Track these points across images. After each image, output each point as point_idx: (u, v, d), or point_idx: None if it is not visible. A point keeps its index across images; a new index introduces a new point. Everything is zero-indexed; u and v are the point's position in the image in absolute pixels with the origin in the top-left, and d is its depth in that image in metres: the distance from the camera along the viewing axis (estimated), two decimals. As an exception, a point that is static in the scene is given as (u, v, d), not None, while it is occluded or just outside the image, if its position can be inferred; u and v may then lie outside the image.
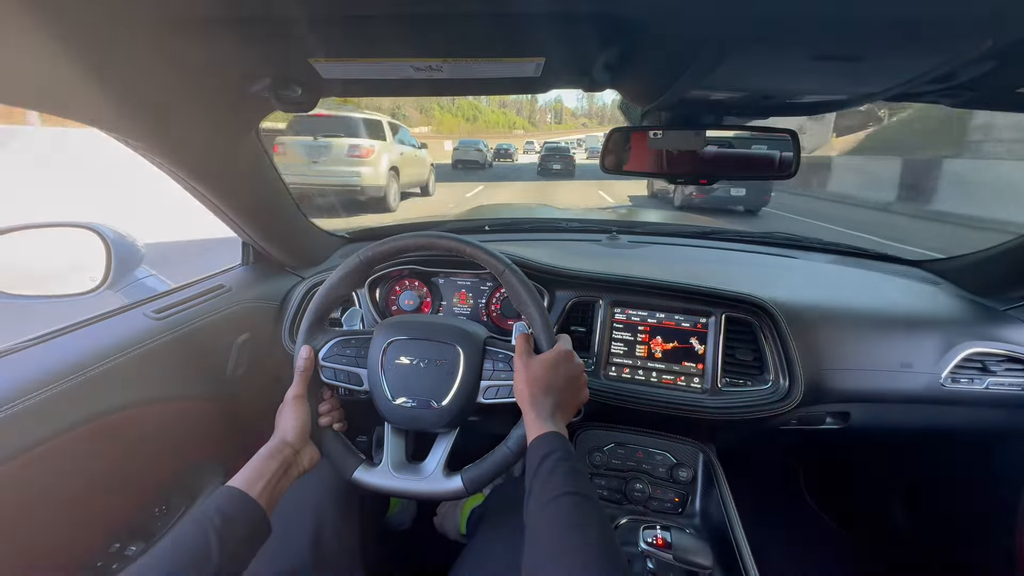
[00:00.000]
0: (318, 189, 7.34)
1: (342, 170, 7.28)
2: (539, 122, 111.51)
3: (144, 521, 0.84)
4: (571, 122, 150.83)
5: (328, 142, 7.26)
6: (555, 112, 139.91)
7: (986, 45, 0.45)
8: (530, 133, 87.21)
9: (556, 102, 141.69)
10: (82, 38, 0.51)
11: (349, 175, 7.31)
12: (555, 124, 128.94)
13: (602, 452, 1.05)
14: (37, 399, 0.65)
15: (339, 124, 7.56)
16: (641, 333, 1.06)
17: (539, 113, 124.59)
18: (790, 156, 0.83)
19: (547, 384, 0.66)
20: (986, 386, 1.00)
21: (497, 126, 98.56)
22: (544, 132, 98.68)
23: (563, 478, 0.55)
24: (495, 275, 0.75)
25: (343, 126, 7.56)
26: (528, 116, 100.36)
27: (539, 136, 70.93)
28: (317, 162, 7.24)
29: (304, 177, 7.17)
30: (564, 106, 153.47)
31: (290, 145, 7.30)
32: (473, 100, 78.09)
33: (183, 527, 0.53)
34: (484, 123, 79.71)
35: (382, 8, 0.49)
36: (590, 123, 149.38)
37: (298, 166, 7.19)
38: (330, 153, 7.26)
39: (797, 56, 0.49)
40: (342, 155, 7.29)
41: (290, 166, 7.19)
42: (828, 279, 1.23)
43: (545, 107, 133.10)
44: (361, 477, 0.72)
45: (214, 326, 0.99)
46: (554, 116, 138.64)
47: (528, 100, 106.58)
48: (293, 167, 7.19)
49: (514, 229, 1.51)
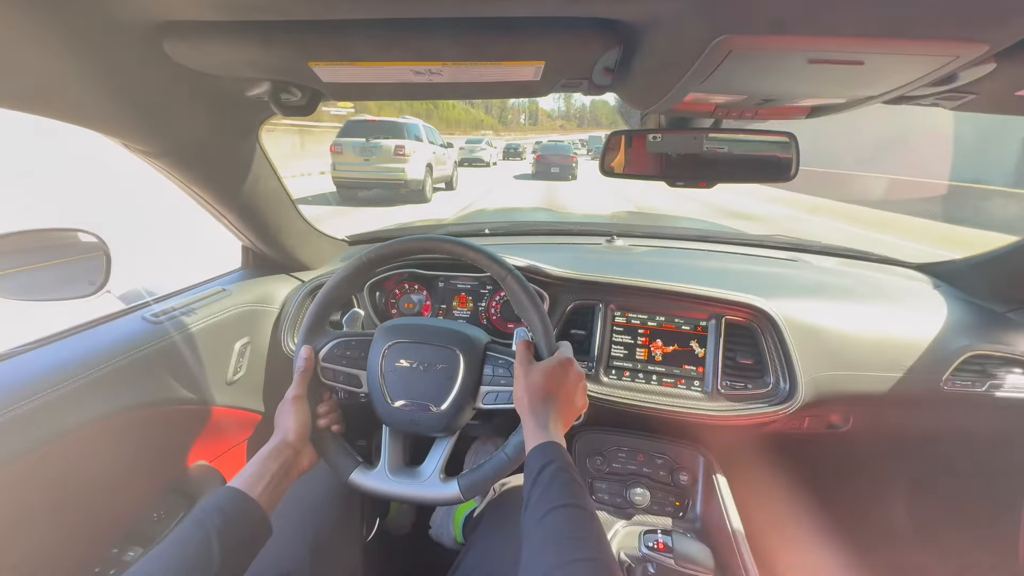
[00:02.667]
0: (366, 183, 9.06)
1: (390, 167, 8.81)
2: (511, 122, 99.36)
3: (143, 525, 0.84)
4: (547, 123, 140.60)
5: (378, 143, 8.75)
6: (529, 113, 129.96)
7: (985, 47, 0.45)
8: (498, 135, 72.99)
9: (531, 103, 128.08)
10: (81, 42, 0.51)
11: (396, 171, 8.84)
12: (530, 125, 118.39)
13: (602, 456, 1.05)
14: (37, 403, 0.65)
15: (386, 127, 9.23)
16: (641, 336, 1.06)
17: (511, 112, 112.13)
18: (789, 158, 0.84)
19: (547, 392, 0.65)
20: (986, 389, 1.00)
21: (459, 124, 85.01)
22: (519, 133, 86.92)
23: (561, 489, 0.54)
24: (496, 279, 0.75)
25: (389, 129, 9.19)
26: (499, 115, 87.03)
27: (515, 136, 63.35)
28: (368, 160, 8.76)
29: (358, 173, 8.88)
30: (540, 107, 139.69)
31: (345, 145, 8.82)
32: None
33: (184, 527, 0.53)
34: (442, 119, 62.82)
35: (383, 12, 0.49)
36: (568, 125, 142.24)
37: (353, 164, 8.83)
38: (380, 152, 8.76)
39: (797, 59, 0.49)
40: (390, 154, 8.78)
41: (346, 164, 8.86)
42: (828, 282, 1.23)
43: (518, 107, 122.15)
44: (358, 480, 0.72)
45: (214, 330, 0.99)
46: (528, 117, 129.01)
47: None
48: (349, 165, 8.85)
49: (514, 233, 1.51)
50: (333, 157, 8.91)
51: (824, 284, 1.21)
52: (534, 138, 35.52)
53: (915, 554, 1.40)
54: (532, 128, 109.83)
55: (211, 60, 0.59)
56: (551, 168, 15.96)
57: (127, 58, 0.56)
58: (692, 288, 1.03)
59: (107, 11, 0.48)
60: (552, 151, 16.89)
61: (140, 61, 0.57)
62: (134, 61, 0.57)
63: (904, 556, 1.43)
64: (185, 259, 1.73)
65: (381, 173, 8.81)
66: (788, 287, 1.13)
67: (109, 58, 0.55)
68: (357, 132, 8.93)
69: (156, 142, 0.75)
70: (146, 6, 0.48)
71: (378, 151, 8.73)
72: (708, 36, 0.45)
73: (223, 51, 0.56)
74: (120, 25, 0.51)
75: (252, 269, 1.20)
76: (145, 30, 0.52)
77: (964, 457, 1.28)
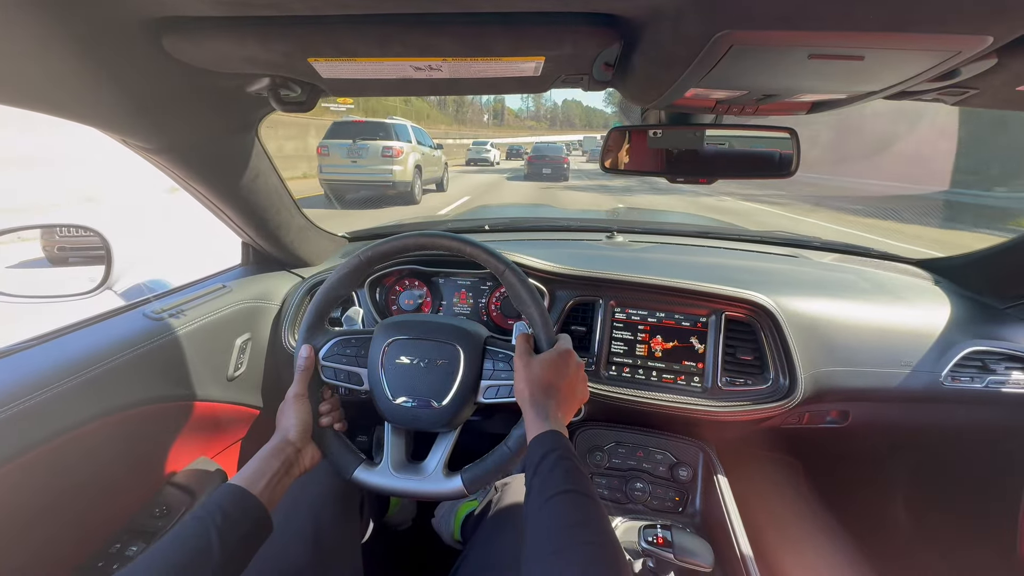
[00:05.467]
0: (353, 185, 8.91)
1: (378, 168, 8.63)
2: (469, 120, 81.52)
3: (144, 521, 0.84)
4: (514, 123, 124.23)
5: (365, 144, 8.61)
6: (495, 112, 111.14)
7: (987, 42, 0.45)
8: (457, 131, 59.22)
9: (496, 101, 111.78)
10: (80, 38, 0.51)
11: (384, 172, 8.65)
12: (495, 125, 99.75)
13: (602, 451, 1.05)
14: (37, 399, 0.65)
15: (373, 128, 9.00)
16: (641, 332, 1.06)
17: (471, 110, 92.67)
18: (790, 154, 0.83)
19: (547, 384, 0.66)
20: (986, 384, 1.00)
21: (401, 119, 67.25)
22: (486, 132, 73.27)
23: (563, 476, 0.54)
24: (495, 275, 0.75)
25: (377, 130, 8.96)
26: (454, 112, 70.11)
27: (480, 135, 53.05)
28: (356, 162, 8.61)
29: (346, 175, 8.76)
30: (507, 106, 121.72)
31: (333, 147, 8.71)
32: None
33: (185, 524, 0.53)
34: (375, 110, 50.71)
35: (382, 7, 0.49)
36: (537, 126, 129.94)
37: (340, 165, 8.71)
38: (367, 154, 8.61)
39: (798, 54, 0.49)
40: (378, 155, 8.62)
41: (333, 166, 8.74)
42: (828, 278, 1.23)
43: (479, 105, 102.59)
44: (361, 477, 0.72)
45: (214, 326, 0.99)
46: (493, 116, 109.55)
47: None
48: (336, 166, 8.72)
49: (514, 229, 1.51)
50: (320, 159, 8.84)
51: (824, 280, 1.21)
52: (505, 139, 35.29)
53: (913, 549, 1.41)
54: (498, 128, 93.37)
55: (210, 56, 0.59)
56: (543, 169, 15.87)
57: (126, 54, 0.56)
58: (692, 284, 1.03)
59: (106, 7, 0.48)
60: (544, 152, 16.81)
61: (139, 57, 0.57)
62: (133, 57, 0.57)
63: (902, 551, 1.43)
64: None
65: (369, 175, 8.68)
66: (788, 283, 1.13)
67: (108, 54, 0.55)
68: (344, 134, 8.76)
69: (155, 138, 0.75)
70: (145, 2, 0.48)
71: (365, 152, 8.60)
72: (709, 31, 0.45)
73: (222, 47, 0.56)
74: (119, 21, 0.51)
75: (252, 265, 1.20)
76: (144, 26, 0.52)
77: (963, 452, 1.29)
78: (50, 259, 3.79)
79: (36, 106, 0.58)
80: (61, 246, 3.79)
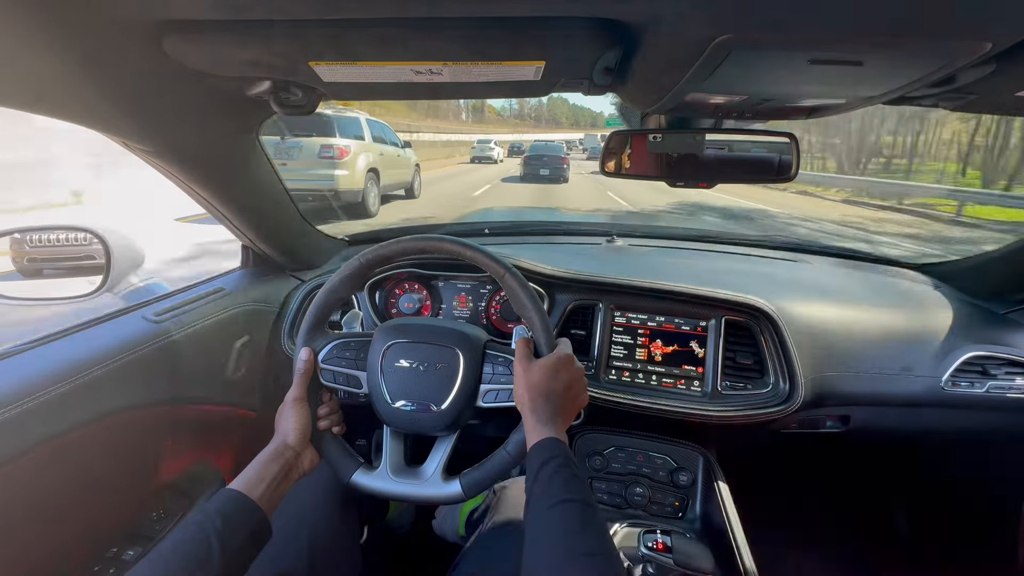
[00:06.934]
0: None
1: (314, 173, 6.62)
2: (442, 116, 71.44)
3: (142, 525, 0.84)
4: (495, 121, 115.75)
5: (298, 142, 6.68)
6: (474, 108, 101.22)
7: (986, 48, 0.45)
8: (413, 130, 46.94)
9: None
10: (81, 41, 0.51)
11: (322, 178, 6.64)
12: (474, 123, 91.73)
13: (602, 456, 1.05)
14: (36, 402, 0.65)
15: (310, 123, 6.86)
16: (641, 336, 1.06)
17: (445, 102, 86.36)
18: (789, 159, 0.84)
19: (547, 389, 0.65)
20: (987, 389, 1.00)
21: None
22: (466, 128, 67.72)
23: (563, 485, 0.54)
24: (495, 278, 0.75)
25: (315, 125, 6.86)
26: (426, 109, 59.03)
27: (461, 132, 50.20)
28: (286, 164, 6.48)
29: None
30: (488, 103, 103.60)
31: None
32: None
33: (184, 529, 0.53)
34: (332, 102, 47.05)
35: (384, 11, 0.49)
36: (522, 125, 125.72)
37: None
38: (300, 155, 6.65)
39: (797, 59, 0.49)
40: (313, 157, 6.67)
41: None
42: (828, 282, 1.23)
43: (459, 104, 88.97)
44: (360, 480, 0.72)
45: (214, 329, 0.99)
46: (472, 114, 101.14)
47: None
48: None
49: (514, 232, 1.51)
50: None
51: (824, 284, 1.21)
52: (478, 136, 35.74)
53: (914, 554, 1.41)
54: (479, 127, 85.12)
55: (211, 59, 0.59)
56: (540, 170, 15.04)
57: (126, 57, 0.56)
58: (692, 288, 1.03)
59: (106, 10, 0.48)
60: (542, 152, 16.03)
61: (140, 60, 0.57)
62: (134, 60, 0.57)
63: (903, 556, 1.43)
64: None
65: (301, 181, 6.50)
66: (788, 287, 1.13)
67: (108, 57, 0.55)
68: (272, 129, 6.54)
69: (156, 141, 0.75)
70: (146, 5, 0.48)
71: (298, 153, 6.64)
72: (709, 36, 0.45)
73: (223, 50, 0.56)
74: (120, 24, 0.51)
75: (252, 268, 1.20)
76: (145, 29, 0.52)
77: (964, 458, 1.29)
78: (21, 271, 3.44)
79: (38, 108, 0.59)
80: (31, 256, 3.45)
